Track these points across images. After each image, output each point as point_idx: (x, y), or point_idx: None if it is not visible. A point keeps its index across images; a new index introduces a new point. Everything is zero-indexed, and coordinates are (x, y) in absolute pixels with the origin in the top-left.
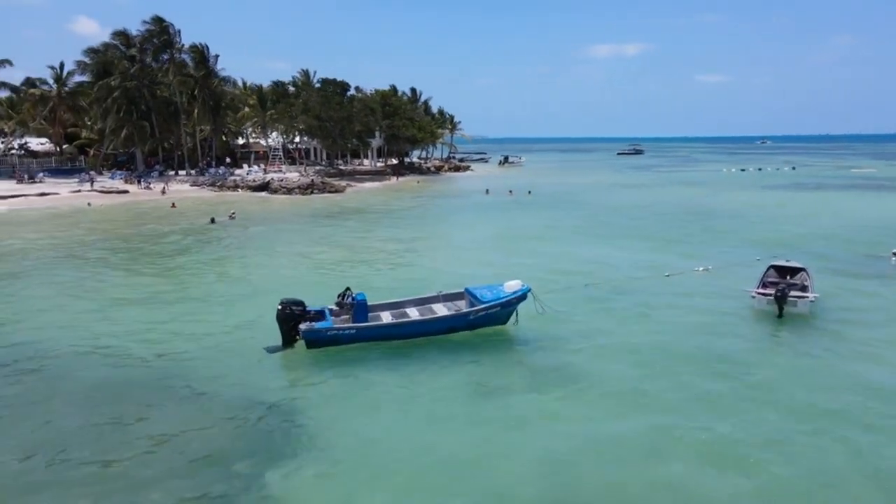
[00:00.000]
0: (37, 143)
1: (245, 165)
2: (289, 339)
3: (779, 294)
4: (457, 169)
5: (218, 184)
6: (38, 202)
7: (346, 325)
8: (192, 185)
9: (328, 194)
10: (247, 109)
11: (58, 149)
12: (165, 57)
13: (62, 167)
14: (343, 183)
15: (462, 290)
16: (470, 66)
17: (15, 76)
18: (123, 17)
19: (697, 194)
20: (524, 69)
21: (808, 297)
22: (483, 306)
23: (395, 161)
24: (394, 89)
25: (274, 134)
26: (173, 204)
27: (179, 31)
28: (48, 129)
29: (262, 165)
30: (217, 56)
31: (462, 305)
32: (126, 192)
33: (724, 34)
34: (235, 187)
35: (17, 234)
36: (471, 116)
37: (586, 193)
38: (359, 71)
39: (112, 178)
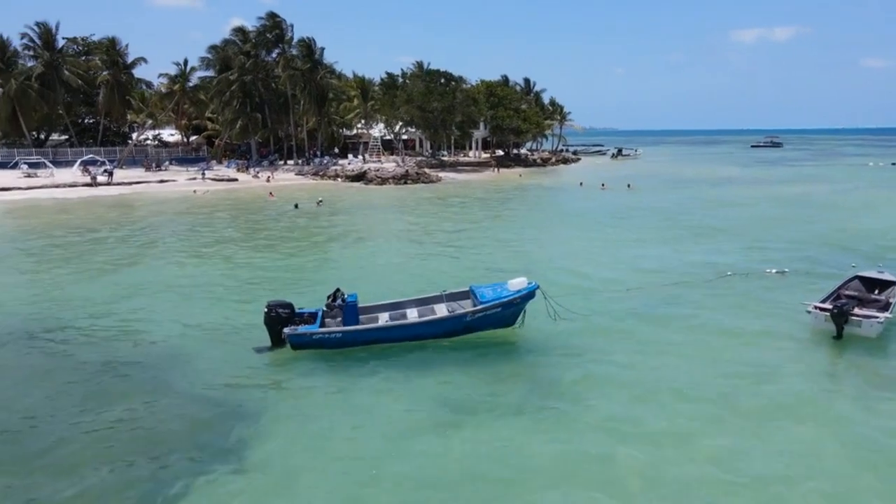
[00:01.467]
0: (168, 134)
1: (350, 155)
2: (277, 341)
3: (836, 311)
4: (565, 161)
5: (320, 173)
6: (154, 188)
7: (331, 329)
8: (296, 174)
9: (422, 184)
10: (354, 101)
11: (185, 139)
12: (277, 51)
13: (187, 156)
14: (441, 174)
15: (467, 288)
16: (596, 55)
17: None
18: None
19: (818, 191)
20: (654, 58)
21: (876, 317)
22: (481, 307)
23: (500, 152)
24: (505, 80)
25: (380, 125)
26: (271, 193)
27: (292, 26)
28: (175, 122)
29: (365, 156)
30: (323, 49)
31: (467, 305)
32: (235, 180)
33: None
34: (335, 176)
35: (106, 215)
36: (599, 108)
37: (690, 188)
38: (479, 61)
39: (227, 166)
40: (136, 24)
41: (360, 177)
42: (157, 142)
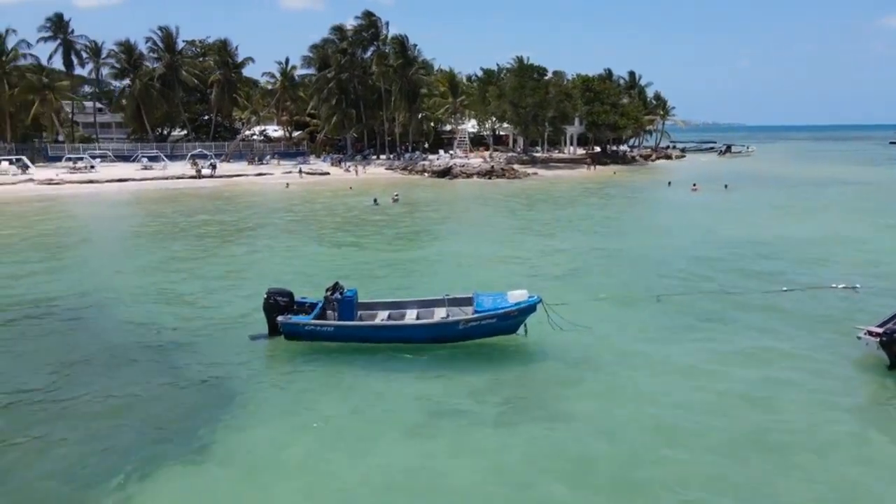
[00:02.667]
0: (272, 130)
1: (441, 151)
2: (274, 329)
3: (885, 338)
4: (667, 158)
5: (408, 168)
6: (250, 181)
7: (323, 322)
8: (386, 169)
9: (507, 180)
10: (446, 97)
11: (288, 134)
12: (373, 49)
13: (289, 151)
14: (530, 170)
15: (471, 294)
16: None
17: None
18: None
19: None
20: (784, 48)
21: None
22: (475, 316)
23: (596, 149)
24: (608, 73)
25: (472, 121)
26: (350, 186)
27: (388, 24)
28: (277, 118)
29: (454, 151)
30: (415, 45)
31: (469, 311)
32: (327, 174)
33: None
34: (422, 171)
35: (190, 203)
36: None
37: (794, 188)
38: (581, 54)
39: (323, 161)
40: (264, 25)
41: (445, 172)
42: (262, 137)
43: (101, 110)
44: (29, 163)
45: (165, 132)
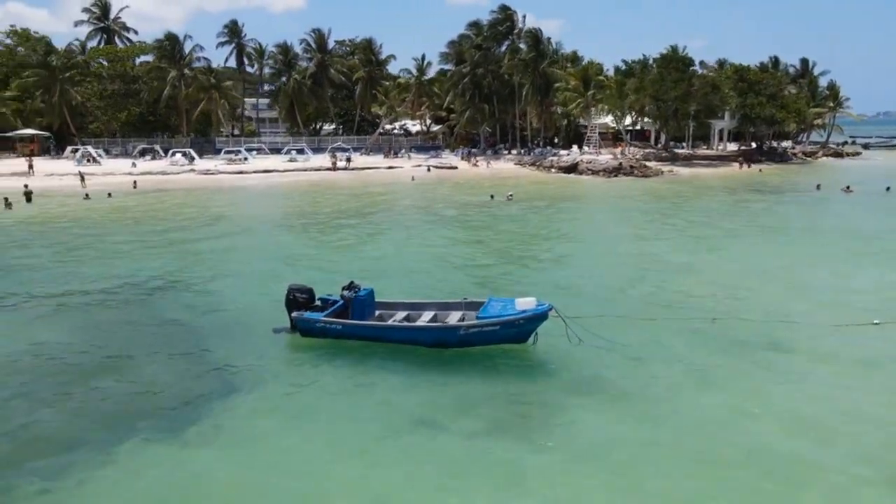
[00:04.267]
0: (411, 125)
1: (574, 146)
2: (293, 325)
3: None
4: (837, 156)
5: (537, 163)
6: (380, 173)
7: (333, 319)
8: (515, 164)
9: (635, 179)
10: (579, 90)
11: (426, 129)
12: (507, 43)
13: (425, 145)
14: (665, 168)
15: (485, 298)
16: None
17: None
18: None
19: None
20: None
21: None
22: (477, 322)
23: (752, 145)
24: (773, 61)
25: (608, 116)
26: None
27: (524, 17)
28: (412, 113)
29: (587, 147)
30: (549, 39)
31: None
32: (455, 168)
33: None
34: (550, 167)
35: (312, 193)
36: None
37: None
38: (747, 41)
39: (455, 155)
40: (433, 22)
41: (571, 168)
42: (402, 131)
43: (265, 107)
44: (195, 155)
45: (318, 127)
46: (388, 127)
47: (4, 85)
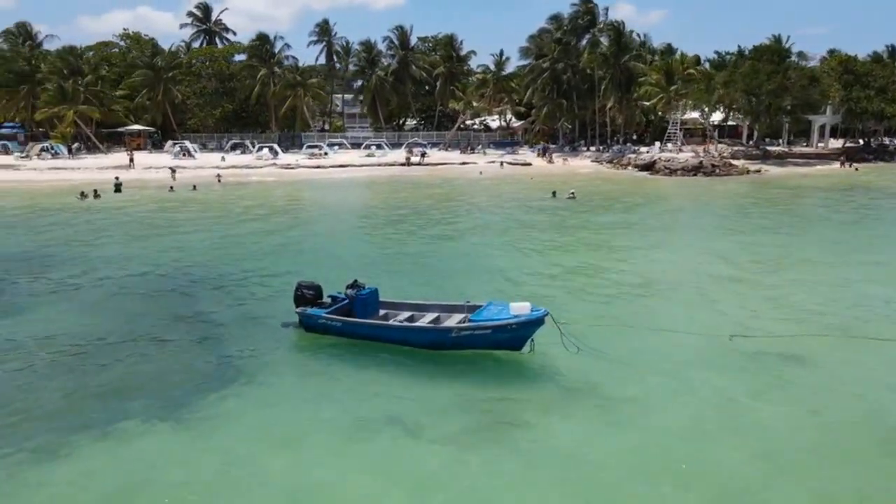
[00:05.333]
0: (491, 120)
1: (657, 143)
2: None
3: None
4: None
5: (614, 161)
6: (453, 169)
7: (332, 316)
8: (591, 161)
9: (716, 178)
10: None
11: (506, 125)
12: (588, 37)
13: (503, 140)
14: (753, 166)
15: (484, 302)
16: None
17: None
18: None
19: None
20: None
21: None
22: (468, 325)
23: (859, 142)
24: (891, 50)
25: (694, 112)
26: (531, 177)
27: (607, 10)
28: (489, 109)
29: (666, 144)
30: (632, 32)
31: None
32: (529, 164)
33: None
34: (627, 165)
35: (378, 188)
36: None
37: None
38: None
39: (531, 151)
40: (516, 15)
41: (648, 166)
42: (482, 127)
43: (349, 102)
44: (279, 150)
45: (401, 122)
46: (468, 123)
47: (117, 85)
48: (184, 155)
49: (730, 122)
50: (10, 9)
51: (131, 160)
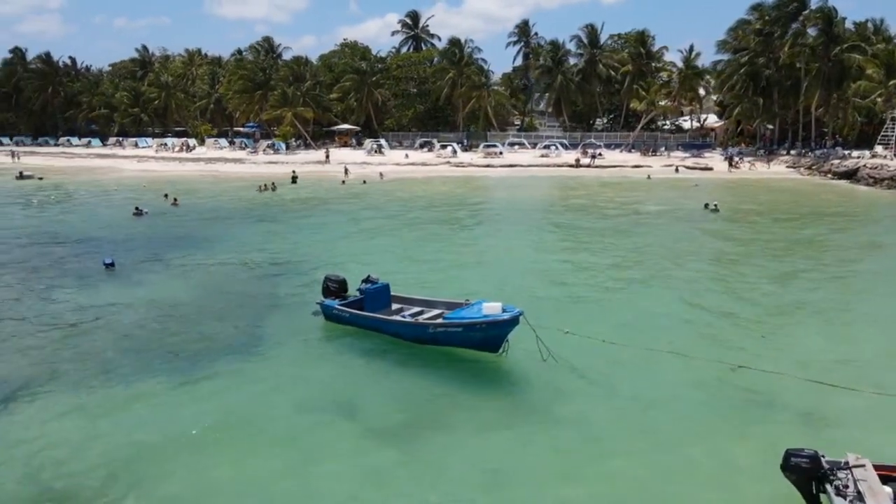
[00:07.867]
0: (682, 120)
1: (878, 147)
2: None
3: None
4: None
5: (814, 167)
6: (623, 171)
7: (343, 308)
8: (787, 167)
9: None
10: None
11: (698, 125)
12: (795, 26)
13: (694, 142)
14: None
15: (473, 300)
16: None
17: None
18: None
19: None
20: None
21: None
22: (442, 322)
23: None
24: None
25: None
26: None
27: None
28: (673, 107)
29: (888, 147)
30: (844, 19)
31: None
32: (710, 169)
33: None
34: (827, 172)
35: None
36: None
37: None
38: None
39: (722, 153)
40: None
41: (849, 174)
42: (674, 127)
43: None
44: (457, 148)
45: (591, 122)
46: (659, 123)
47: (331, 88)
48: (375, 152)
49: None
50: (286, 24)
51: (327, 156)
